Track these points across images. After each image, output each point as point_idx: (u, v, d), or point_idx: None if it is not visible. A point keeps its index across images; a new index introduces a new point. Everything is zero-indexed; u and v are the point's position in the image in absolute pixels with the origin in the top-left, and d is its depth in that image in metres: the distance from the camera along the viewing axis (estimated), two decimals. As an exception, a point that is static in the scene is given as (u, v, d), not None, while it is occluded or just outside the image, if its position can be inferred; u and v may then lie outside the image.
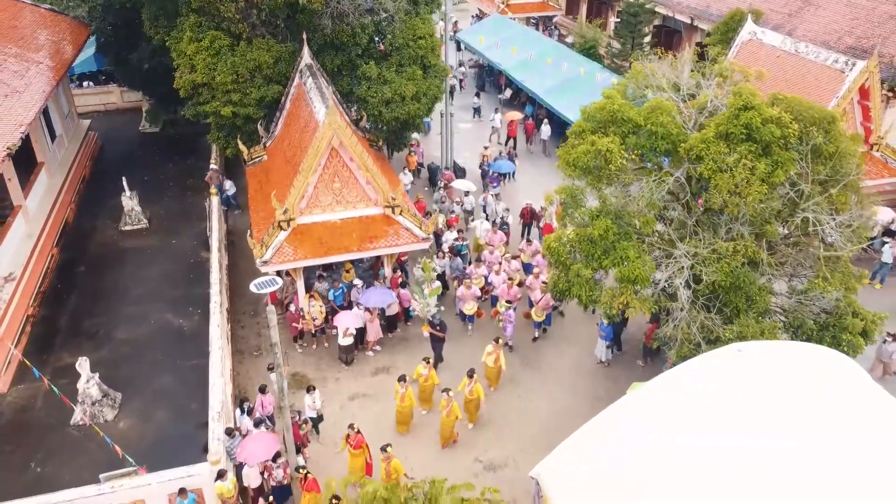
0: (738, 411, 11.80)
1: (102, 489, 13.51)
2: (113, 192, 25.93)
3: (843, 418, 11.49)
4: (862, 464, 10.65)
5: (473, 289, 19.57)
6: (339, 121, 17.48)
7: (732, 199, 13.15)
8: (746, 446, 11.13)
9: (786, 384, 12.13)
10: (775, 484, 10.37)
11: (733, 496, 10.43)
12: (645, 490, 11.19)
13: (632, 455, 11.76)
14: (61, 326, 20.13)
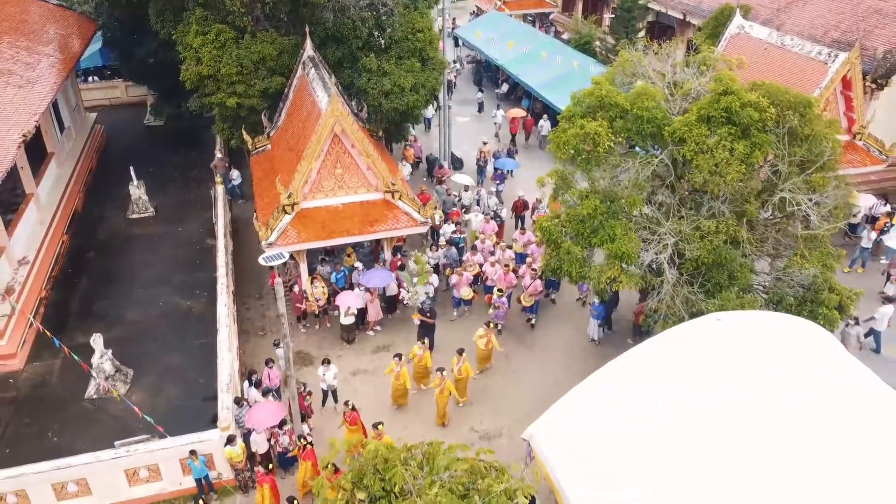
0: (716, 376, 12.61)
1: (119, 453, 14.32)
2: (119, 182, 26.77)
3: (814, 384, 12.30)
4: (830, 425, 11.47)
5: (466, 275, 20.27)
6: (341, 108, 18.26)
7: (713, 178, 13.95)
8: (722, 408, 11.95)
9: (762, 351, 12.94)
10: (747, 442, 11.16)
11: (709, 454, 11.24)
12: (627, 448, 12.00)
13: (616, 416, 12.58)
14: (73, 308, 20.91)
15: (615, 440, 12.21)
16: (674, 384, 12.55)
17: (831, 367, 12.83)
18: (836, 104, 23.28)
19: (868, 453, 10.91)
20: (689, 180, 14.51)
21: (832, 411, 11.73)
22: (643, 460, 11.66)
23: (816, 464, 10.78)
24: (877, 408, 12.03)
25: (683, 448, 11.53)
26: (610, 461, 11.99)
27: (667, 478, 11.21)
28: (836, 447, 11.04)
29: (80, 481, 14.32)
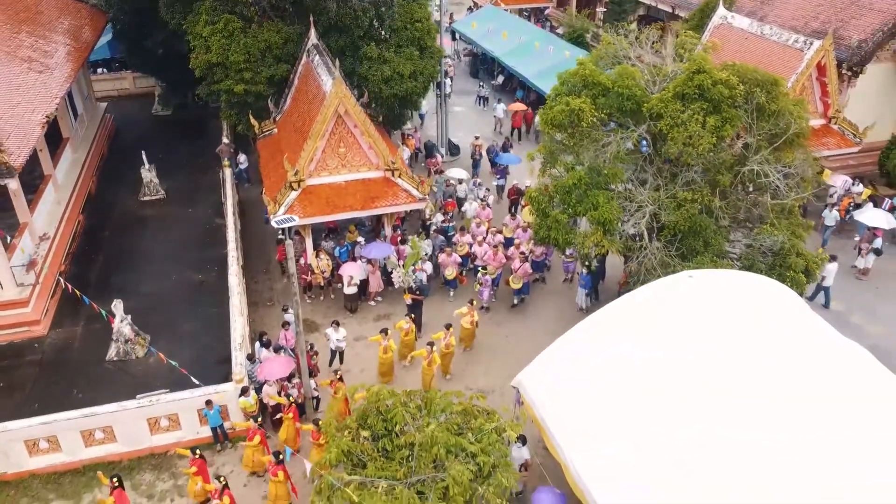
0: (687, 329, 13.88)
1: (142, 402, 15.60)
2: (129, 168, 28.05)
3: (780, 338, 13.54)
4: (796, 376, 12.67)
5: (454, 255, 21.37)
6: (345, 90, 19.53)
7: (686, 149, 15.24)
8: (692, 360, 13.18)
9: (730, 305, 14.23)
10: (716, 392, 12.37)
11: (678, 397, 12.49)
12: (605, 392, 13.26)
13: (594, 364, 13.84)
14: (91, 281, 22.15)
15: (594, 385, 13.48)
16: (648, 336, 13.81)
17: (795, 320, 14.12)
18: (811, 90, 24.58)
19: (833, 403, 12.08)
20: (665, 152, 15.77)
21: (798, 364, 12.94)
22: (619, 401, 12.93)
23: (783, 411, 11.94)
24: (837, 360, 13.26)
25: (653, 392, 12.77)
26: (589, 403, 13.27)
27: (638, 415, 12.49)
28: (803, 398, 12.22)
29: (107, 429, 15.61)
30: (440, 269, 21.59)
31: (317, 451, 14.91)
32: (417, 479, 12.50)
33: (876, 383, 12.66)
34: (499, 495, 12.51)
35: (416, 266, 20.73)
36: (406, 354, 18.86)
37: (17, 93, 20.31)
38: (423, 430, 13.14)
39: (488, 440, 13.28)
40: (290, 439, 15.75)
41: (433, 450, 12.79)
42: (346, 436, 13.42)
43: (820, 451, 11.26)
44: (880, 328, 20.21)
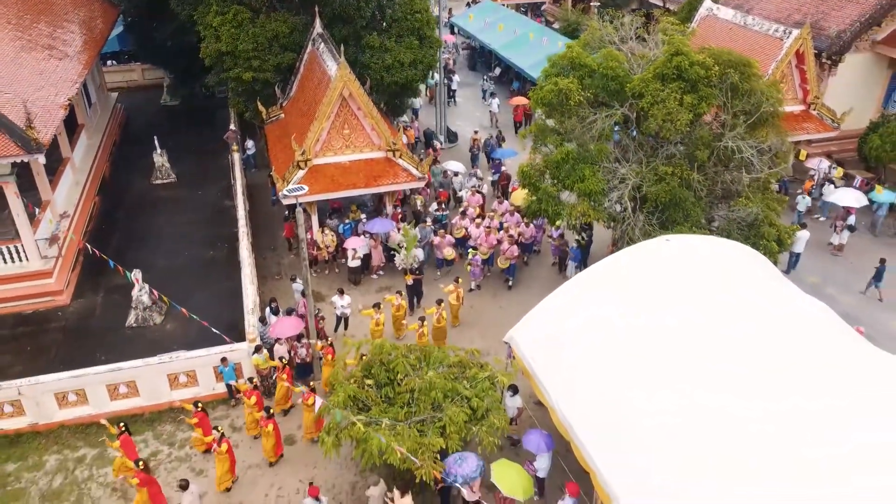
0: (664, 288, 15.08)
1: (163, 358, 16.90)
2: (140, 154, 29.37)
3: (751, 298, 14.74)
4: (765, 330, 13.75)
5: (448, 237, 22.55)
6: (349, 74, 20.81)
7: (665, 124, 16.52)
8: (669, 316, 14.31)
9: (702, 267, 15.47)
10: (691, 344, 13.50)
11: (652, 348, 13.64)
12: (588, 344, 14.46)
13: (578, 323, 15.06)
14: (109, 255, 23.37)
15: (578, 341, 14.69)
16: (627, 296, 15.02)
17: (762, 281, 15.37)
18: (791, 77, 25.86)
19: (801, 355, 13.20)
20: (646, 128, 17.07)
21: (766, 326, 14.06)
22: (600, 356, 14.13)
23: (756, 375, 12.84)
24: (803, 321, 14.45)
25: (632, 345, 13.97)
26: (574, 357, 14.48)
27: (617, 368, 13.70)
28: (774, 361, 13.27)
29: (130, 384, 16.91)
30: (434, 253, 22.70)
31: (308, 412, 15.99)
32: (417, 420, 13.81)
33: (838, 341, 13.84)
34: (491, 434, 13.83)
35: (413, 252, 21.92)
36: (399, 328, 19.98)
37: (41, 78, 21.58)
38: (422, 378, 14.46)
39: (482, 387, 14.63)
40: (281, 399, 17.01)
41: (431, 394, 14.12)
42: (352, 384, 14.73)
43: (790, 412, 12.16)
44: (851, 299, 21.52)
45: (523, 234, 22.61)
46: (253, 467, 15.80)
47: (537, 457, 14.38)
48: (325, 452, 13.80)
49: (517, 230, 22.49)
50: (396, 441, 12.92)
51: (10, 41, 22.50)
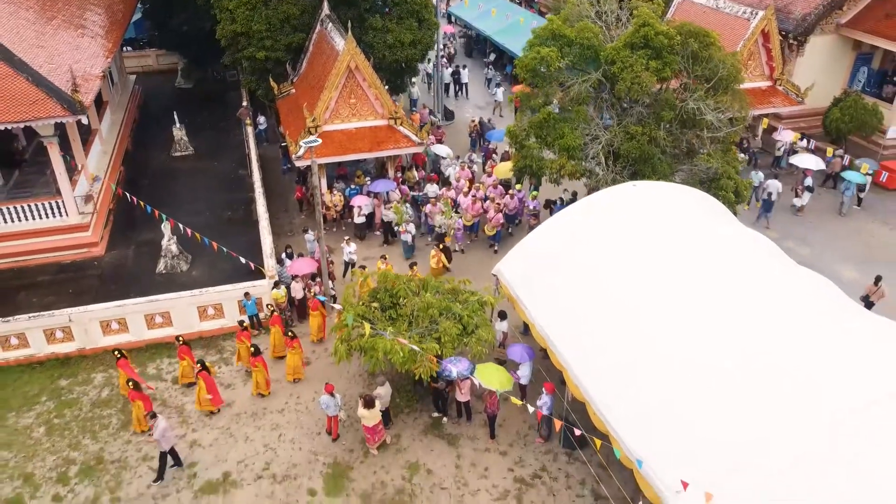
0: (631, 227, 17.36)
1: (194, 293, 19.28)
2: (158, 131, 31.76)
3: (701, 230, 17.10)
4: (724, 265, 15.94)
5: (438, 205, 24.65)
6: (356, 48, 23.17)
7: (633, 86, 18.88)
8: (636, 250, 16.53)
9: (665, 207, 17.82)
10: (654, 279, 15.70)
11: (614, 278, 15.87)
12: (563, 276, 16.76)
13: (555, 255, 17.39)
14: (137, 216, 25.75)
15: (556, 267, 17.06)
16: (599, 228, 17.41)
17: (710, 216, 17.73)
18: (759, 55, 28.24)
19: (735, 274, 15.53)
20: (618, 90, 19.44)
21: (712, 247, 16.37)
22: (575, 277, 16.49)
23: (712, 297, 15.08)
24: (742, 244, 16.80)
25: (600, 271, 16.29)
26: (551, 280, 16.85)
27: (589, 285, 16.05)
28: (714, 271, 15.57)
29: (165, 314, 19.27)
30: (426, 218, 24.68)
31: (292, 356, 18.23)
32: (417, 332, 16.18)
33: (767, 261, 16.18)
34: (480, 344, 16.22)
35: (401, 228, 23.67)
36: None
37: (77, 52, 23.93)
38: (421, 299, 16.86)
39: (472, 308, 17.03)
40: (278, 345, 19.20)
41: (429, 311, 16.52)
42: (361, 305, 17.12)
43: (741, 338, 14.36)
44: (808, 250, 23.89)
45: (507, 205, 24.72)
46: (273, 382, 18.13)
47: (520, 365, 16.74)
48: (338, 360, 16.22)
49: (501, 201, 24.67)
50: (398, 345, 15.29)
51: (48, 20, 24.83)
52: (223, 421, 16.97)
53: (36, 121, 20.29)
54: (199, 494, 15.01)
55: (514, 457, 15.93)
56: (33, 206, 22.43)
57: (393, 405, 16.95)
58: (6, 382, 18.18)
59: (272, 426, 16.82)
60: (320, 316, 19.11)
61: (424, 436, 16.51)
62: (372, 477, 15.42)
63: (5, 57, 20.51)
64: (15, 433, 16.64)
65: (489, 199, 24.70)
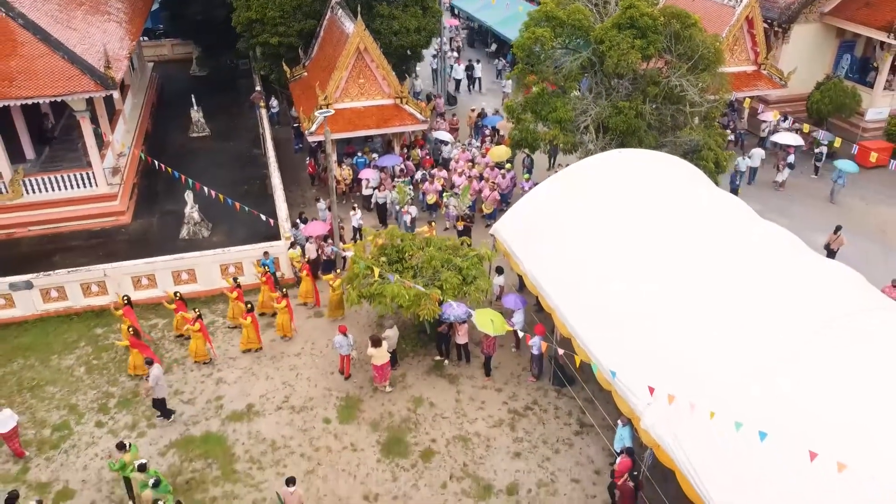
0: (618, 189, 19.05)
1: (217, 251, 21.08)
2: (176, 115, 33.61)
3: (680, 193, 18.75)
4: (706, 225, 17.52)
5: (435, 184, 26.22)
6: (364, 31, 24.92)
7: (620, 62, 20.60)
8: (621, 212, 18.19)
9: (648, 172, 19.51)
10: (622, 232, 17.32)
11: (600, 234, 17.55)
12: (553, 232, 18.47)
13: (547, 213, 19.11)
14: (159, 191, 27.57)
15: (547, 224, 18.80)
16: (587, 190, 19.11)
17: (690, 182, 19.40)
18: (744, 40, 29.90)
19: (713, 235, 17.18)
20: (605, 68, 21.16)
21: (692, 210, 18.01)
22: (565, 234, 18.19)
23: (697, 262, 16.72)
24: (721, 208, 18.44)
25: (588, 228, 17.97)
26: (543, 236, 18.56)
27: (577, 240, 17.75)
28: (693, 229, 17.22)
29: (190, 271, 21.07)
30: (422, 196, 26.17)
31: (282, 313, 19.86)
32: (421, 280, 17.91)
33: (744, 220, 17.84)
34: (478, 292, 17.95)
35: (403, 209, 25.03)
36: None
37: (105, 35, 25.74)
38: (425, 252, 18.61)
39: (472, 261, 18.73)
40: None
41: (432, 263, 18.27)
42: (372, 258, 18.86)
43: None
44: (787, 221, 25.37)
45: (500, 185, 26.30)
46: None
47: (514, 312, 18.46)
48: (349, 303, 17.98)
49: (495, 181, 26.24)
50: (404, 289, 17.03)
51: (77, 6, 26.64)
52: (245, 362, 18.74)
53: (71, 95, 22.08)
54: (226, 421, 16.78)
55: (509, 392, 17.67)
56: (66, 177, 24.24)
57: (399, 350, 18.69)
58: (48, 330, 19.99)
59: (290, 367, 18.59)
60: (310, 280, 20.72)
61: (427, 375, 18.27)
62: (380, 408, 17.18)
63: (43, 37, 22.32)
64: (59, 372, 18.44)
65: (484, 180, 26.24)
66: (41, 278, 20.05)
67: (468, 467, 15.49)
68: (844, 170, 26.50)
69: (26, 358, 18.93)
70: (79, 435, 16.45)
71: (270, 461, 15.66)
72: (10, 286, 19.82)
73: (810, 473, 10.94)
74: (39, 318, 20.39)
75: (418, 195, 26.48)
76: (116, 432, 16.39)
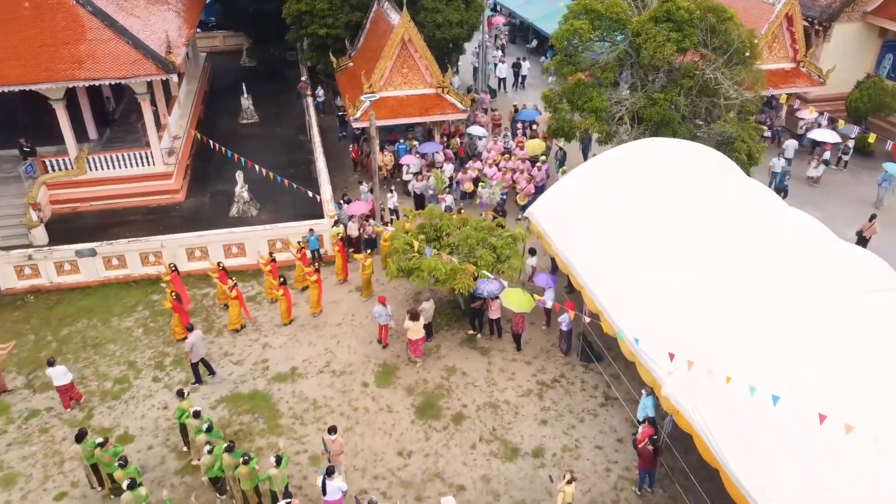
0: (650, 178, 19.69)
1: (265, 227, 22.36)
2: (226, 103, 35.21)
3: (709, 180, 19.32)
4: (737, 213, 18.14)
5: (469, 173, 27.18)
6: (409, 22, 25.96)
7: (655, 54, 21.25)
8: (654, 200, 18.84)
9: (679, 160, 20.14)
10: (653, 218, 17.98)
11: (630, 218, 18.26)
12: (588, 217, 19.23)
13: (580, 198, 19.88)
14: (210, 171, 29.03)
15: (579, 209, 19.57)
16: (619, 176, 19.82)
17: (728, 173, 19.95)
18: (783, 38, 30.16)
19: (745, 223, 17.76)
20: (641, 59, 21.83)
21: (722, 198, 18.56)
22: (596, 217, 18.93)
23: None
24: (757, 196, 18.96)
25: (619, 213, 18.68)
26: (575, 219, 19.35)
27: (607, 223, 18.49)
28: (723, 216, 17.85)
29: (240, 245, 22.37)
30: (456, 185, 27.14)
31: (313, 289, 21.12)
32: (458, 257, 18.86)
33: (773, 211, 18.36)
34: (512, 271, 18.84)
35: (440, 195, 25.85)
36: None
37: (165, 23, 27.25)
38: (462, 231, 19.57)
39: (506, 241, 19.61)
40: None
41: (468, 241, 19.21)
42: (411, 236, 19.87)
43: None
44: (821, 214, 25.66)
45: (535, 177, 27.01)
46: (331, 303, 21.04)
47: (545, 291, 19.28)
48: (389, 277, 19.02)
49: (532, 173, 26.96)
50: (440, 263, 18.00)
51: (140, -4, 28.28)
52: (290, 330, 19.94)
53: (135, 77, 23.57)
54: (271, 381, 17.98)
55: (538, 366, 18.53)
56: (126, 156, 25.79)
57: (434, 323, 19.66)
58: (108, 295, 21.49)
59: (331, 336, 19.73)
60: (342, 256, 21.78)
61: (461, 347, 19.22)
62: (415, 376, 18.19)
63: (109, 23, 23.87)
64: (119, 332, 19.88)
65: (519, 171, 26.99)
66: (104, 247, 21.56)
67: (496, 431, 16.40)
68: (891, 172, 25.93)
69: (89, 319, 20.42)
70: (137, 388, 17.82)
71: (312, 418, 16.79)
72: (76, 253, 21.36)
73: (820, 438, 11.58)
74: (101, 284, 21.90)
75: (454, 184, 27.35)
76: (171, 387, 17.69)
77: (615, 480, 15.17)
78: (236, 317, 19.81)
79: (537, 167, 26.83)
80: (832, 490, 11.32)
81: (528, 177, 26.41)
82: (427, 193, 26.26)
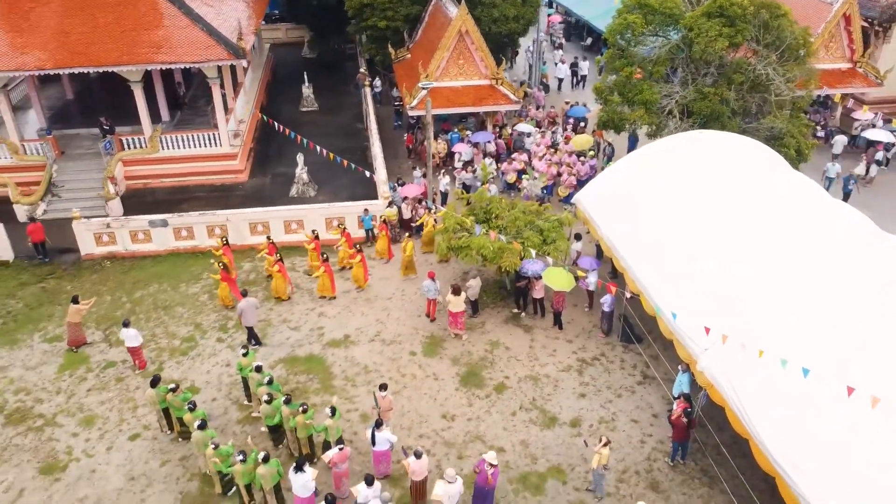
0: (699, 170, 20.12)
1: (323, 205, 23.59)
2: (287, 91, 36.88)
3: (756, 173, 19.68)
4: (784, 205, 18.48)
5: (514, 164, 27.80)
6: (467, 14, 26.90)
7: (707, 49, 21.71)
8: (704, 193, 19.28)
9: (727, 152, 20.55)
10: (696, 206, 18.54)
11: (674, 205, 18.85)
12: (635, 204, 19.83)
13: (626, 186, 20.50)
14: (271, 154, 30.51)
15: (624, 199, 20.17)
16: (663, 167, 20.33)
17: (776, 167, 20.28)
18: (840, 38, 30.06)
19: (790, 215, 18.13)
20: (693, 53, 22.30)
21: (769, 189, 18.94)
22: (641, 204, 19.53)
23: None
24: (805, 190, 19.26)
25: (664, 200, 19.25)
26: (621, 206, 19.97)
27: (652, 211, 19.07)
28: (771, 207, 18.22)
29: (299, 221, 23.65)
30: (501, 175, 27.81)
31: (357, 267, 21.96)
32: (506, 237, 19.70)
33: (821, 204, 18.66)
34: (558, 253, 19.59)
35: (485, 184, 26.31)
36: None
37: (236, 12, 28.83)
38: (511, 213, 20.41)
39: (552, 225, 20.37)
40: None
41: (516, 223, 20.02)
42: (463, 218, 20.79)
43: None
44: (871, 213, 25.70)
45: (580, 171, 27.53)
46: (382, 280, 22.13)
47: (588, 273, 19.97)
48: (439, 255, 19.98)
49: (576, 168, 27.50)
50: (489, 241, 18.87)
51: (212, -13, 29.90)
52: (344, 302, 21.10)
53: (207, 62, 25.11)
54: (326, 347, 19.15)
55: (579, 344, 19.25)
56: (196, 136, 27.41)
57: (480, 301, 20.55)
58: (177, 263, 23.03)
59: (382, 308, 20.81)
60: (386, 239, 22.77)
61: (505, 324, 20.07)
62: (461, 348, 19.12)
63: (186, 11, 25.48)
64: (186, 297, 21.35)
65: (564, 165, 27.59)
66: (175, 218, 23.11)
67: (536, 401, 17.20)
68: None
69: (160, 283, 21.97)
70: (202, 347, 19.21)
71: (363, 381, 17.87)
72: (149, 223, 22.97)
73: (850, 410, 12.06)
74: (171, 253, 23.46)
75: (499, 174, 28.15)
76: (234, 348, 19.01)
77: (649, 451, 15.81)
78: (281, 287, 21.02)
79: (581, 161, 27.40)
80: (861, 461, 11.80)
81: (570, 170, 26.99)
82: (475, 185, 27.09)
